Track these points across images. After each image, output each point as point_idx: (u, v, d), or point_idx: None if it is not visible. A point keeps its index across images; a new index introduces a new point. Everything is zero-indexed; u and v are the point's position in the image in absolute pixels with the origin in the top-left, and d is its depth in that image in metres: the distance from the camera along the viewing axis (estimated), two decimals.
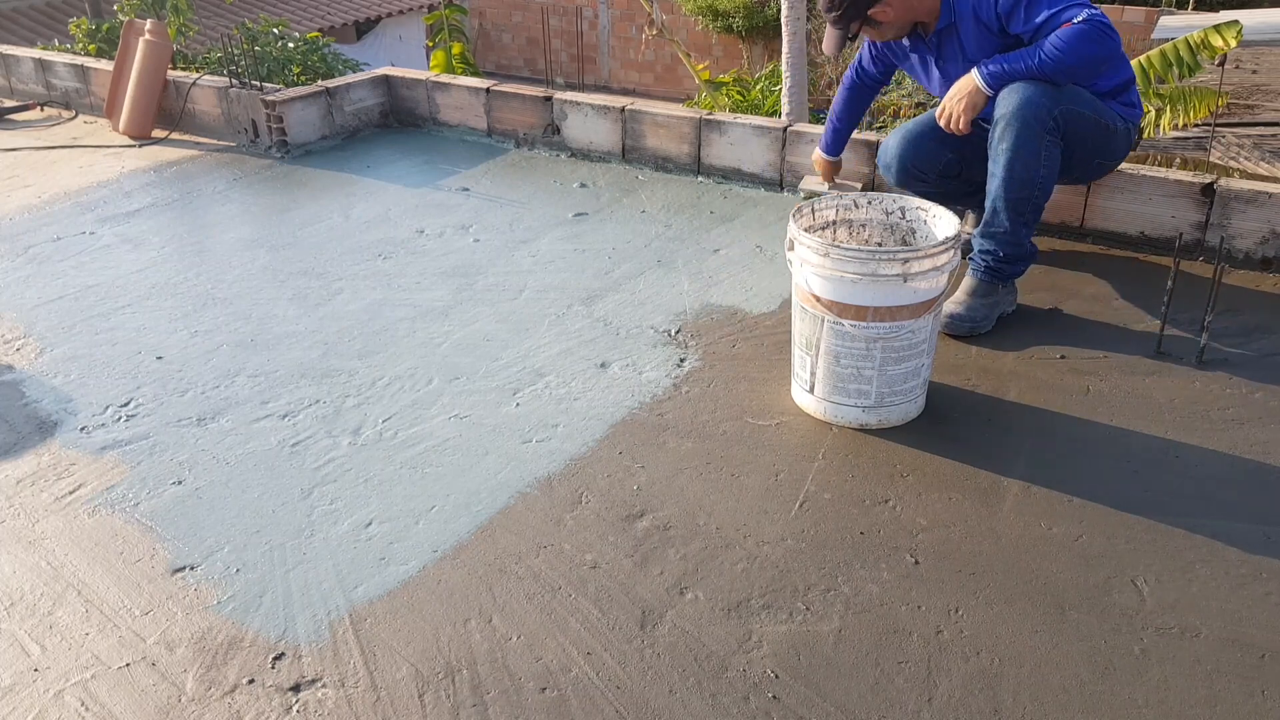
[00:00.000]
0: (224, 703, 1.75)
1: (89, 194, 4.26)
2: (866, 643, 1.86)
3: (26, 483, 2.38)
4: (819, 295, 2.40)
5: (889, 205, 2.64)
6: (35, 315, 3.19)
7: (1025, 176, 2.78)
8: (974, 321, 2.89)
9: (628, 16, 16.48)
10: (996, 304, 2.94)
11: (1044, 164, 2.79)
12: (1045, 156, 2.78)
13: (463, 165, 4.55)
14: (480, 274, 3.42)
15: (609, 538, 2.14)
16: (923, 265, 2.31)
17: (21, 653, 1.87)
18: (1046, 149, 2.77)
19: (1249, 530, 2.12)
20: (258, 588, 2.02)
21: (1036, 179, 2.79)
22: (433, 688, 1.77)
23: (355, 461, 2.42)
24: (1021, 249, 2.91)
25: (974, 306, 2.90)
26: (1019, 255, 2.92)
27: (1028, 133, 2.73)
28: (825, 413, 2.52)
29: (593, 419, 2.57)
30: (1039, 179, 2.80)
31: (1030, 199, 2.82)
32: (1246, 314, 2.99)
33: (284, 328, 3.08)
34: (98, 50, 7.22)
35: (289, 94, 4.74)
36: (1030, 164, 2.76)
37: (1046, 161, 2.79)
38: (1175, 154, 7.20)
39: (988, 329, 2.91)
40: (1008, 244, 2.88)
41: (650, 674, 1.79)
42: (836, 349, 2.42)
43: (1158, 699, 1.73)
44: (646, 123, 4.40)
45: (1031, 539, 2.12)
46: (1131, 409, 2.55)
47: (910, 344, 2.39)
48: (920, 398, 2.52)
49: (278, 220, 3.95)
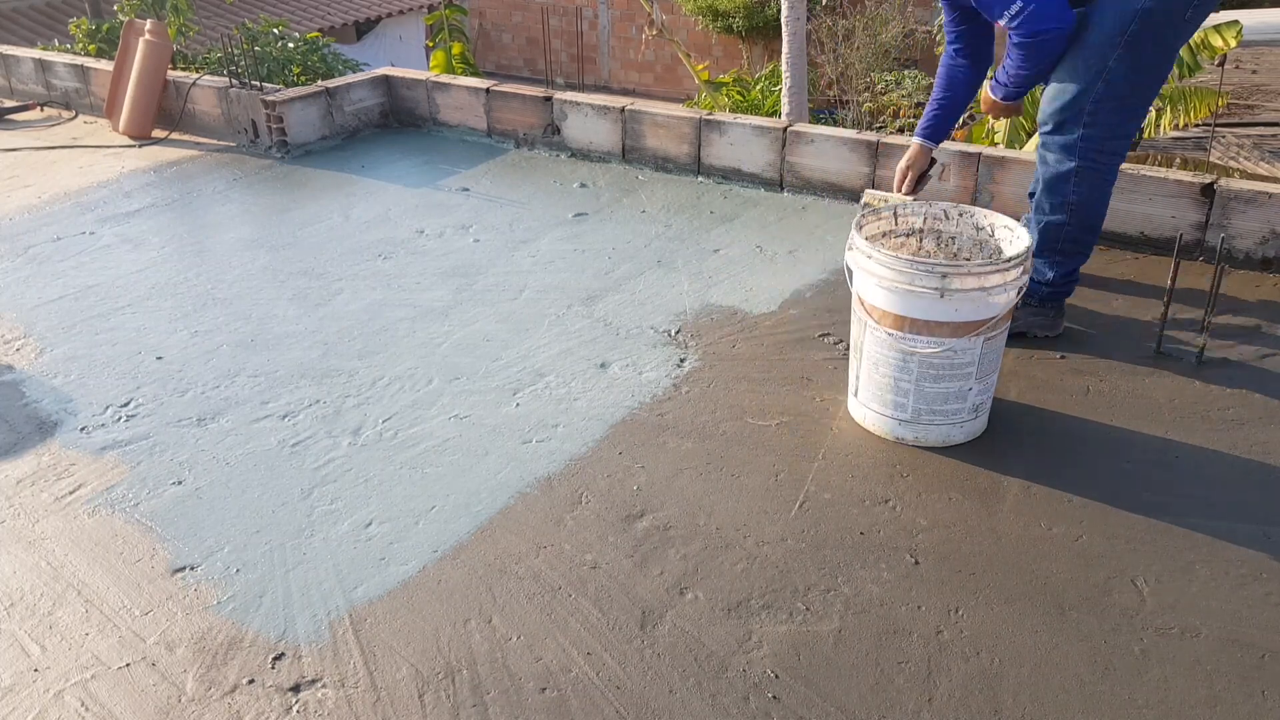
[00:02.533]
0: (224, 703, 1.75)
1: (89, 194, 4.26)
2: (866, 643, 1.86)
3: (26, 483, 2.38)
4: (863, 298, 2.38)
5: (980, 220, 2.57)
6: (35, 315, 3.19)
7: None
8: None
9: (628, 16, 16.48)
10: (1012, 318, 2.83)
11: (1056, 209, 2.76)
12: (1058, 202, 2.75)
13: (463, 165, 4.55)
14: (480, 274, 3.42)
15: (609, 538, 2.14)
16: (966, 283, 2.23)
17: (21, 653, 1.87)
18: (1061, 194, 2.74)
19: (1249, 530, 2.12)
20: (258, 588, 2.02)
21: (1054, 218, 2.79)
22: (433, 688, 1.77)
23: (355, 462, 2.42)
24: (1040, 275, 2.84)
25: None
26: (1035, 280, 2.82)
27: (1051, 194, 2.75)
28: (865, 419, 2.49)
29: (593, 419, 2.57)
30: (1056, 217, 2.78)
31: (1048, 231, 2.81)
32: (1246, 314, 2.99)
33: (284, 328, 3.08)
34: (98, 50, 7.22)
35: (289, 94, 4.74)
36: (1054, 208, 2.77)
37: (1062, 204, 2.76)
38: (1175, 154, 7.21)
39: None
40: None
41: (650, 674, 1.79)
42: (876, 355, 2.39)
43: (1158, 699, 1.73)
44: (646, 123, 4.40)
45: (1031, 539, 2.12)
46: (1131, 409, 2.55)
47: (952, 364, 2.31)
48: (968, 423, 2.42)
49: (278, 220, 3.95)
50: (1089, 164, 2.68)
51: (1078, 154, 2.67)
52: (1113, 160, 2.70)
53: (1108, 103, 2.61)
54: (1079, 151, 2.67)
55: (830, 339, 2.93)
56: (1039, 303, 2.85)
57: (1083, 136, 2.65)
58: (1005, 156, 3.68)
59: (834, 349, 2.88)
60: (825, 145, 3.99)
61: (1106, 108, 2.62)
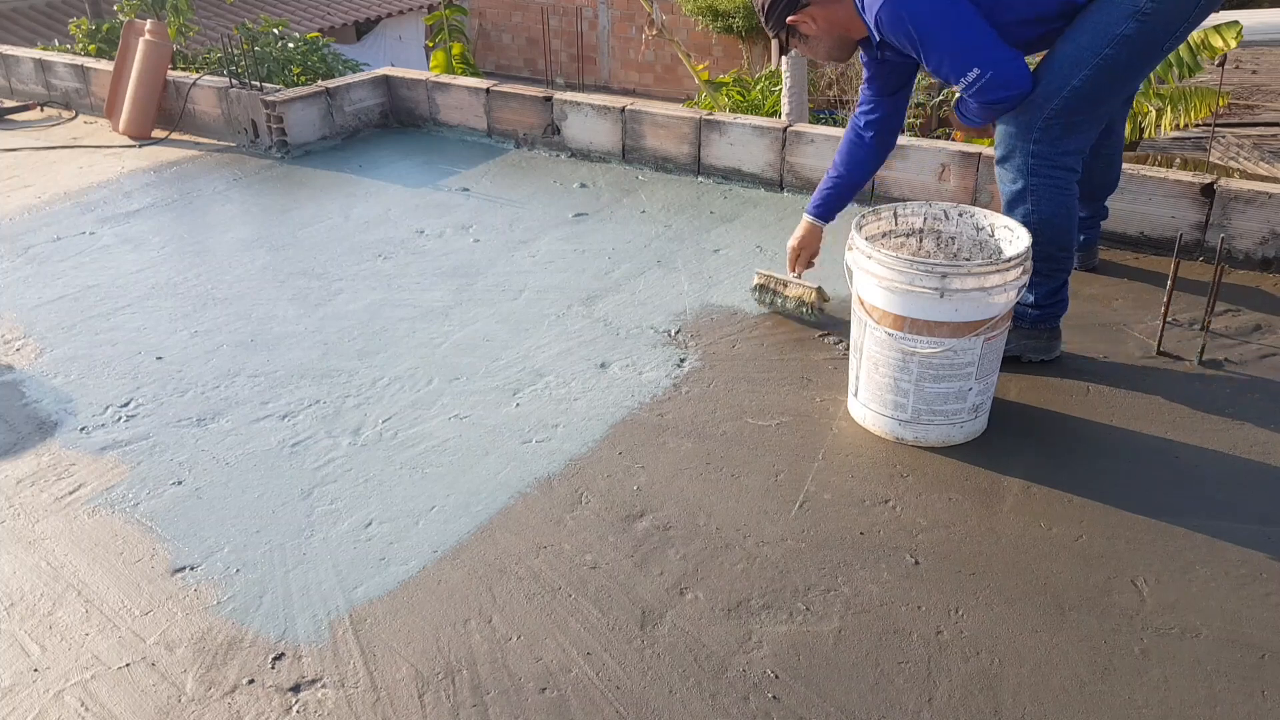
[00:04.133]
0: (224, 703, 1.75)
1: (89, 194, 4.26)
2: (866, 643, 1.86)
3: (26, 483, 2.38)
4: (863, 298, 2.38)
5: (980, 220, 2.55)
6: (35, 315, 3.19)
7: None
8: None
9: (628, 17, 16.49)
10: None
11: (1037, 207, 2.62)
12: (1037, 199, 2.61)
13: (463, 165, 4.55)
14: (480, 274, 3.42)
15: (609, 538, 2.14)
16: (965, 283, 2.22)
17: (21, 653, 1.87)
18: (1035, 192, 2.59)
19: (1249, 530, 2.12)
20: (258, 588, 2.02)
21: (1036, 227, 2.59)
22: (433, 688, 1.77)
23: (355, 462, 2.42)
24: (1023, 298, 2.66)
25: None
26: (1019, 303, 2.63)
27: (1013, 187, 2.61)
28: (865, 419, 2.49)
29: (593, 419, 2.57)
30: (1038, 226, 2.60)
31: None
32: (1246, 314, 2.99)
33: (284, 328, 3.08)
34: (98, 50, 7.22)
35: (289, 94, 4.74)
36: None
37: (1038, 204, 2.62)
38: (1175, 154, 7.21)
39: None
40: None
41: (650, 674, 1.79)
42: (876, 355, 2.39)
43: (1158, 699, 1.73)
44: (646, 123, 4.40)
45: (1031, 539, 2.12)
46: (1131, 409, 2.55)
47: (952, 364, 2.31)
48: (968, 423, 2.41)
49: (278, 220, 3.95)
50: (1041, 179, 2.56)
51: (1028, 171, 2.56)
52: (1067, 175, 2.58)
53: (1058, 121, 2.50)
54: (1029, 169, 2.56)
55: (830, 339, 2.93)
56: (1029, 326, 2.72)
57: (1032, 154, 2.54)
58: None
59: (834, 349, 2.88)
60: (825, 145, 3.99)
61: (1057, 125, 2.50)
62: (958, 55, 2.45)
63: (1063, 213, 2.61)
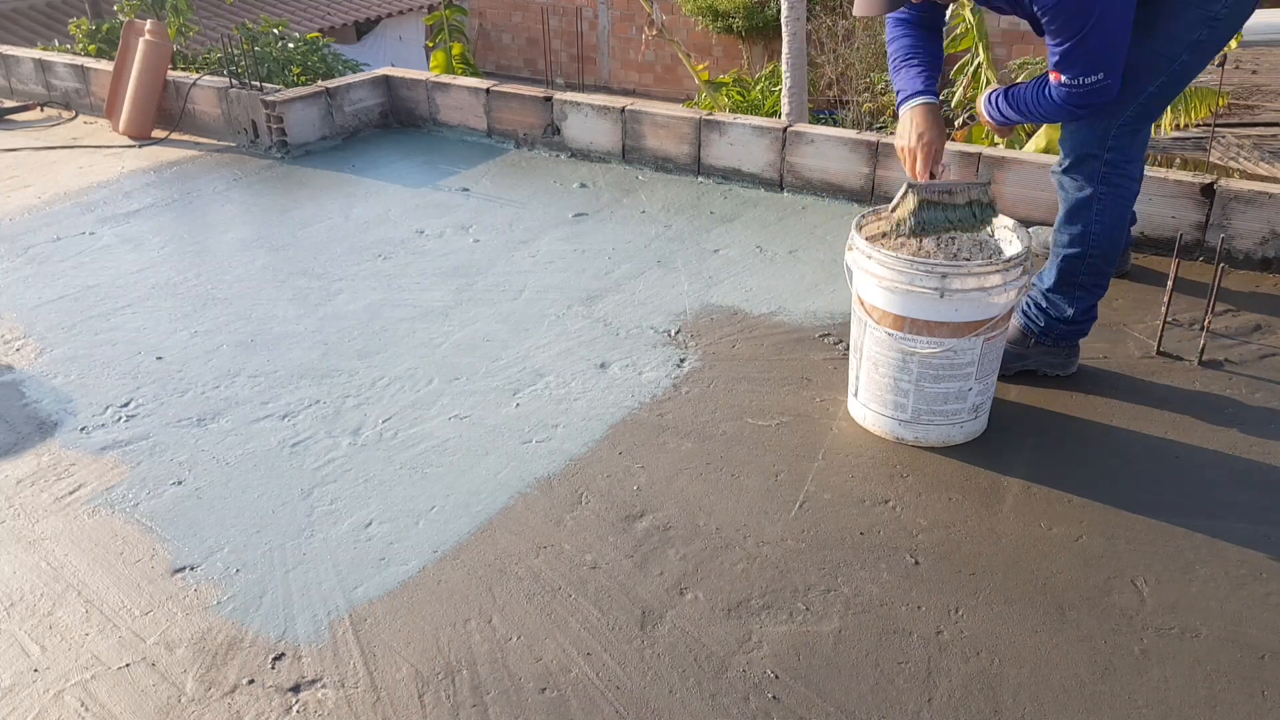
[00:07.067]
0: (224, 703, 1.75)
1: (89, 194, 4.26)
2: (866, 643, 1.86)
3: (26, 483, 2.38)
4: (863, 298, 2.38)
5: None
6: (35, 315, 3.19)
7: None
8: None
9: (628, 17, 16.47)
10: (1023, 356, 2.70)
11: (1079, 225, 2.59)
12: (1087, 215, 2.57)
13: (463, 165, 4.55)
14: (480, 274, 3.42)
15: (609, 538, 2.14)
16: (965, 283, 2.22)
17: (21, 653, 1.87)
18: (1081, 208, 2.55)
19: (1249, 530, 2.12)
20: (258, 588, 2.02)
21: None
22: (433, 688, 1.77)
23: (355, 462, 2.42)
24: (1059, 312, 2.64)
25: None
26: (1054, 317, 2.65)
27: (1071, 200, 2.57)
28: (865, 419, 2.49)
29: (593, 419, 2.57)
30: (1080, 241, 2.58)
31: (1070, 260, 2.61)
32: (1246, 314, 2.99)
33: (284, 328, 3.08)
34: (98, 50, 7.22)
35: (289, 94, 4.74)
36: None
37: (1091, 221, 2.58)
38: (1175, 154, 7.20)
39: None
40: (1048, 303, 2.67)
41: (650, 674, 1.79)
42: (875, 355, 2.39)
43: (1158, 699, 1.73)
44: (646, 123, 4.40)
45: (1031, 539, 2.12)
46: (1131, 409, 2.55)
47: (952, 364, 2.31)
48: (968, 423, 2.41)
49: (278, 220, 3.95)
50: (1110, 188, 2.51)
51: (1100, 179, 2.51)
52: (1133, 186, 2.56)
53: (1130, 127, 2.47)
54: (1101, 176, 2.50)
55: (830, 339, 2.93)
56: (1054, 342, 2.66)
57: (1108, 161, 2.49)
58: (1005, 157, 3.67)
59: (834, 349, 2.88)
60: (825, 145, 3.99)
61: (1128, 131, 2.47)
62: (1101, 57, 2.30)
63: (1119, 226, 2.58)
